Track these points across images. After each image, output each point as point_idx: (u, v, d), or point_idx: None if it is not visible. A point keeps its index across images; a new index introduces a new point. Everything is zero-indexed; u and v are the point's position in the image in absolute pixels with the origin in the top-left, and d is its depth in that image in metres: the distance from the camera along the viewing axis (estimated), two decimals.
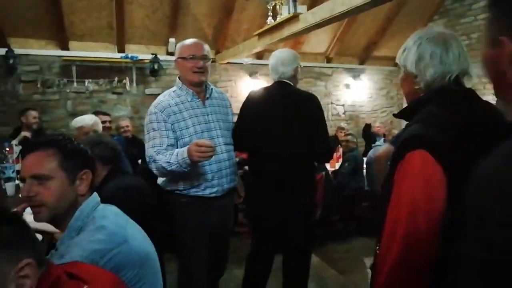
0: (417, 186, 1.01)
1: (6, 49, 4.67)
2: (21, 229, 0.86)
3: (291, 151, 2.28)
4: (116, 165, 1.98)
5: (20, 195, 2.65)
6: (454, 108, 1.11)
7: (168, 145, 2.02)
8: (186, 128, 2.09)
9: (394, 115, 1.36)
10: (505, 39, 0.64)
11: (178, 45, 2.21)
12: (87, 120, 2.83)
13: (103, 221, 1.29)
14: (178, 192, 2.13)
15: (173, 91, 2.18)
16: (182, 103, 2.13)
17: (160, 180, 2.22)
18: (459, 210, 1.01)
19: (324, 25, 3.40)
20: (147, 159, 2.04)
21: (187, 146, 1.88)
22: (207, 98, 2.23)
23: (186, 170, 1.94)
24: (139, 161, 4.15)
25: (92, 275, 0.90)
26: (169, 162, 1.92)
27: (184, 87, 2.17)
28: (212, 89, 2.29)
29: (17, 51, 4.76)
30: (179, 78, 2.22)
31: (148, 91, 5.57)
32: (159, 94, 2.20)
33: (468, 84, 1.20)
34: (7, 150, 3.28)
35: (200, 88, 2.19)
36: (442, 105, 1.11)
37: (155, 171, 2.04)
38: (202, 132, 2.12)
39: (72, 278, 0.87)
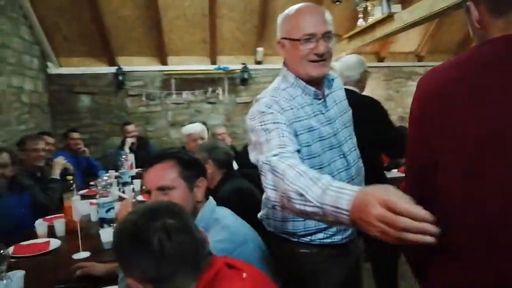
0: None
1: (117, 67, 5.21)
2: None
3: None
4: (230, 169, 2.11)
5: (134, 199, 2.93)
6: None
7: (295, 151, 1.18)
8: (314, 142, 1.39)
9: None
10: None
11: (282, 17, 1.42)
12: (196, 127, 3.05)
13: (226, 220, 1.39)
14: (290, 237, 1.44)
15: (283, 89, 1.42)
16: (301, 108, 1.39)
17: (261, 212, 1.57)
18: None
19: (421, 24, 3.29)
20: (260, 164, 1.17)
21: (357, 192, 0.83)
22: (327, 95, 1.49)
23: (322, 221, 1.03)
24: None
25: (244, 265, 1.00)
26: (303, 195, 0.93)
27: (300, 84, 1.41)
28: (332, 79, 1.53)
29: (125, 68, 5.28)
30: (284, 65, 1.46)
31: (238, 99, 5.79)
32: (249, 103, 1.50)
33: None
34: (124, 158, 3.65)
35: (319, 85, 1.46)
36: None
37: (268, 186, 1.10)
38: (331, 148, 1.43)
39: (230, 267, 0.97)
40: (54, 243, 2.09)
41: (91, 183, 3.51)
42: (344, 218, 0.83)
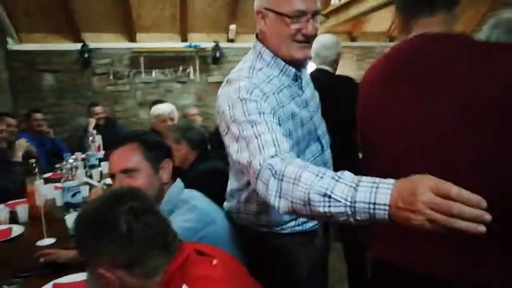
0: None
1: (82, 44, 4.96)
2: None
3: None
4: (204, 149, 2.06)
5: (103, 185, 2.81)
6: None
7: (291, 148, 1.08)
8: (296, 130, 1.28)
9: None
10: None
11: None
12: (165, 108, 2.95)
13: (195, 201, 1.38)
14: (261, 228, 1.37)
15: (259, 69, 1.25)
16: (280, 91, 1.24)
17: (228, 205, 1.48)
18: None
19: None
20: (258, 169, 0.99)
21: (394, 184, 0.77)
22: (301, 76, 1.37)
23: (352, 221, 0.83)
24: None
25: (214, 251, 0.96)
26: (329, 195, 0.83)
27: (279, 63, 1.27)
28: (310, 57, 1.43)
29: (91, 45, 5.03)
30: (258, 39, 1.30)
31: (210, 79, 5.68)
32: (221, 82, 1.29)
33: None
34: (91, 139, 3.51)
35: (298, 65, 1.32)
36: None
37: (271, 193, 0.95)
38: (309, 133, 1.34)
39: (200, 254, 0.93)
40: (17, 230, 2.00)
41: (56, 165, 3.36)
42: (380, 214, 0.76)
